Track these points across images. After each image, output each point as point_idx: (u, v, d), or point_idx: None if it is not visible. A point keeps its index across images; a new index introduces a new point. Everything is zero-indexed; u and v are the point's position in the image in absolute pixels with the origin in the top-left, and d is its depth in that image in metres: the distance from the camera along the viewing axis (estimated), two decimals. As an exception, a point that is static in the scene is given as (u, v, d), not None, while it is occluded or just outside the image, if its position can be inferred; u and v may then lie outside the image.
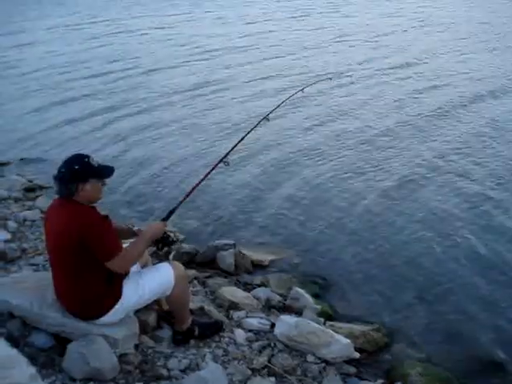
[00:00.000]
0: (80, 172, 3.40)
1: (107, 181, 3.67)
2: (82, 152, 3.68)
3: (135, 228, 4.14)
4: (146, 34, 25.21)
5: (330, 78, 8.31)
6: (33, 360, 3.48)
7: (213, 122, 11.27)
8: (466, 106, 11.75)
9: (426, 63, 15.92)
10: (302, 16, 27.35)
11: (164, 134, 10.74)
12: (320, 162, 9.02)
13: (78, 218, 3.36)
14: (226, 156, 4.66)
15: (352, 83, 13.44)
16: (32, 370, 3.07)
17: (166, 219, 3.98)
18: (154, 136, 10.75)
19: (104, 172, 3.57)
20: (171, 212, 4.06)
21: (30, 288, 4.00)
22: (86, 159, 3.48)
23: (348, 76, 13.63)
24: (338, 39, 20.31)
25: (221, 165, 4.67)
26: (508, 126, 10.46)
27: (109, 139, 10.85)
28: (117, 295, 3.57)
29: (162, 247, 3.93)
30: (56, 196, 3.69)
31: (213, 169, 4.60)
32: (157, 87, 14.70)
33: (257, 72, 15.52)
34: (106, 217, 3.68)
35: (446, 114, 11.26)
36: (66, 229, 3.36)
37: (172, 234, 4.06)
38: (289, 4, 32.47)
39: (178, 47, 20.55)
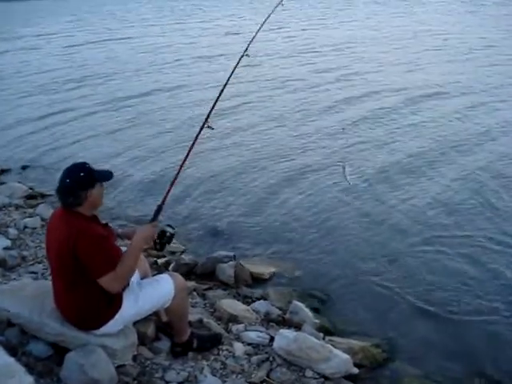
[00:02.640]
0: (87, 178, 3.43)
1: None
2: (78, 161, 3.69)
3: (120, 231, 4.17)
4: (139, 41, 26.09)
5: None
6: (30, 369, 3.47)
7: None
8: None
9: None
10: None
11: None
12: (320, 174, 9.04)
13: (77, 232, 3.33)
14: (208, 117, 4.38)
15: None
16: (29, 379, 3.06)
17: (154, 219, 3.79)
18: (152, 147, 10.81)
19: (106, 175, 3.62)
20: (159, 209, 3.85)
21: (29, 296, 3.98)
22: (87, 165, 3.52)
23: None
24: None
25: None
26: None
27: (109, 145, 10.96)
28: (116, 306, 3.55)
29: (161, 247, 3.82)
30: (58, 205, 3.68)
31: (196, 138, 4.27)
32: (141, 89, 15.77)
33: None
34: (106, 225, 3.68)
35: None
36: (65, 241, 3.36)
37: (168, 228, 3.81)
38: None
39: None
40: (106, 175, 3.62)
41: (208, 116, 4.43)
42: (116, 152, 10.63)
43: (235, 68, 4.77)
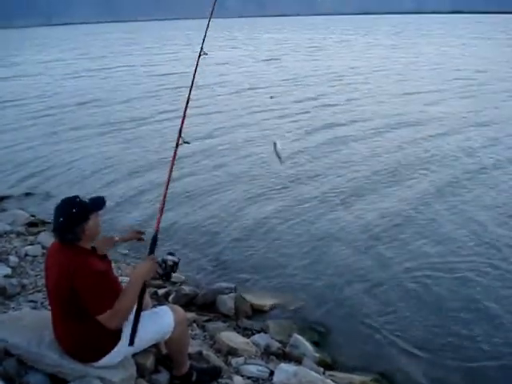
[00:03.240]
0: (79, 213, 3.38)
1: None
2: (83, 190, 3.70)
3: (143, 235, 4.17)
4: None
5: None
6: (28, 400, 3.45)
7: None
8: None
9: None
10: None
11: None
12: (319, 205, 9.09)
13: (75, 269, 3.30)
14: (180, 132, 4.29)
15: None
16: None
17: (151, 252, 3.72)
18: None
19: (98, 203, 3.55)
20: (154, 241, 3.78)
21: (28, 326, 3.95)
22: (78, 199, 3.45)
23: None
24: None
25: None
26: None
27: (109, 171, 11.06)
28: (115, 339, 3.52)
29: (166, 278, 3.73)
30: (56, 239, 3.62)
31: (174, 157, 4.20)
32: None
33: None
34: (105, 256, 3.67)
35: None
36: (64, 276, 3.34)
37: (169, 257, 3.72)
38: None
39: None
40: (99, 204, 3.55)
41: (180, 132, 4.29)
42: (114, 177, 10.87)
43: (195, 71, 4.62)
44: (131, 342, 3.48)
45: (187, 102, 4.48)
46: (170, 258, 3.71)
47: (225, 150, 12.70)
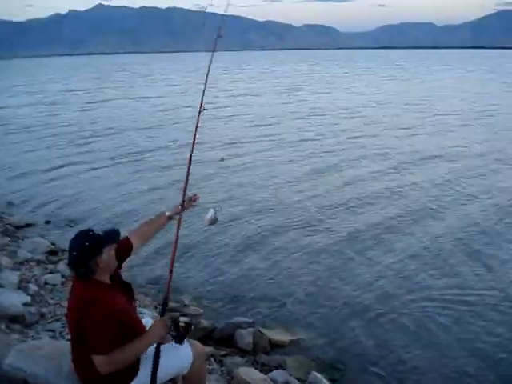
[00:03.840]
0: (92, 246, 3.34)
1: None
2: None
3: (167, 213, 3.94)
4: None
5: None
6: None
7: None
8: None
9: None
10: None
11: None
12: (331, 235, 9.18)
13: (84, 301, 3.28)
14: (190, 160, 4.13)
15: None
16: None
17: (163, 314, 3.60)
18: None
19: (112, 236, 3.48)
20: (165, 302, 3.66)
21: (46, 356, 3.94)
22: (91, 232, 3.41)
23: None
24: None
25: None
26: None
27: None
28: (133, 373, 3.48)
29: (179, 340, 3.52)
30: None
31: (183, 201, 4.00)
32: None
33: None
34: (128, 287, 3.66)
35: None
36: (73, 308, 3.32)
37: (182, 318, 3.62)
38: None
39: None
40: (112, 236, 3.49)
41: (190, 157, 4.14)
42: (132, 207, 10.93)
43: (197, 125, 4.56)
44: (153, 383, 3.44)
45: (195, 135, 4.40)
46: (182, 319, 3.59)
47: (233, 183, 12.79)
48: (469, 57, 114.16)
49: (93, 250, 3.33)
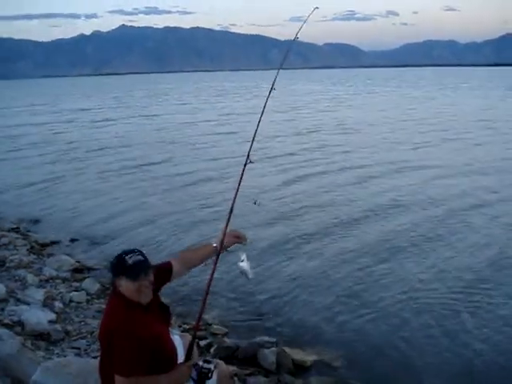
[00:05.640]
0: (114, 267, 3.34)
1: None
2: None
3: (214, 244, 3.87)
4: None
5: None
6: None
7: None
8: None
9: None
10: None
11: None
12: (365, 257, 9.01)
13: (110, 319, 3.30)
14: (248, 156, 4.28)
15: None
16: None
17: (188, 359, 3.57)
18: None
19: (132, 270, 3.26)
20: (191, 347, 3.61)
21: (73, 374, 3.99)
22: (124, 255, 3.32)
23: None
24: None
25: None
26: None
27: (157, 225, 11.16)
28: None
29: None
30: (103, 280, 3.63)
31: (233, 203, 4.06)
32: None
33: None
34: (166, 309, 3.62)
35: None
36: (106, 328, 3.32)
37: (205, 364, 3.49)
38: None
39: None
40: (132, 271, 3.26)
41: (248, 152, 4.30)
42: (160, 231, 10.81)
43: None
44: None
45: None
46: (205, 365, 3.49)
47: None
48: (492, 75, 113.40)
49: (113, 270, 3.36)
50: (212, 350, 5.85)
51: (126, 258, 3.28)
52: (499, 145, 20.70)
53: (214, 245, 3.88)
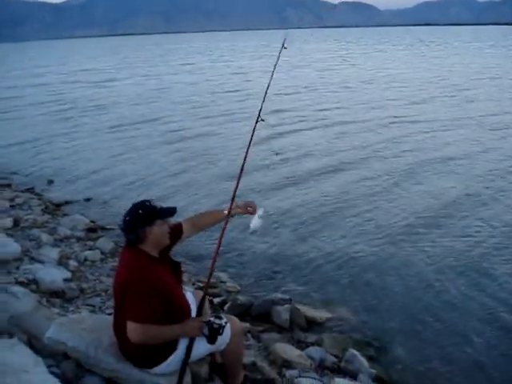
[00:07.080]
0: (145, 215, 3.42)
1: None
2: (143, 198, 3.69)
3: (225, 211, 3.99)
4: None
5: None
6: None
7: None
8: None
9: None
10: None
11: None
12: (374, 214, 8.98)
13: (129, 271, 3.35)
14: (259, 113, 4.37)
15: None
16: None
17: (199, 315, 3.69)
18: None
19: (167, 212, 3.54)
20: (202, 304, 3.76)
21: (86, 330, 3.98)
22: (148, 203, 3.49)
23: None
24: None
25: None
26: None
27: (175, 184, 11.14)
28: (172, 347, 3.52)
29: (211, 340, 3.51)
30: (118, 240, 3.70)
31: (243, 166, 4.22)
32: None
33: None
34: (177, 266, 3.71)
35: None
36: (120, 277, 3.39)
37: (216, 320, 3.53)
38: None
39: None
40: (168, 212, 3.55)
41: (259, 112, 4.38)
42: (176, 189, 10.85)
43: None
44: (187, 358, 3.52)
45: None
46: (217, 321, 3.54)
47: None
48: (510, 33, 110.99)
49: (145, 219, 3.40)
50: (226, 307, 5.88)
51: (152, 204, 3.48)
52: (495, 102, 20.79)
53: (225, 212, 4.00)
